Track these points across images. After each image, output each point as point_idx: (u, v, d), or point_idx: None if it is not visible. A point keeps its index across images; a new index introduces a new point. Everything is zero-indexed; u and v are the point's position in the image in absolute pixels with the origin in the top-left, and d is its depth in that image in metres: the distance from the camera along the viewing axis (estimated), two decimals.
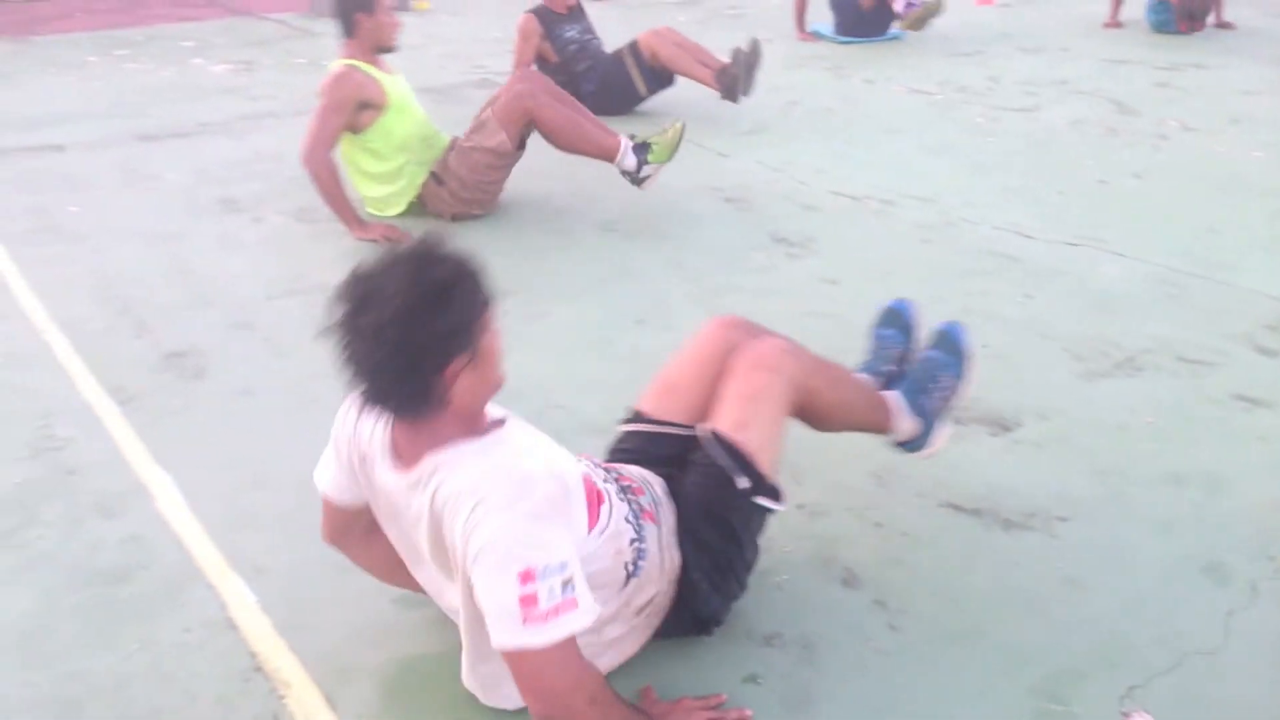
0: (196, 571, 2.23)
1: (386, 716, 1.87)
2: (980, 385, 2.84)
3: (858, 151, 5.01)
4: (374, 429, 1.74)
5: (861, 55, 7.11)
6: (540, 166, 4.52)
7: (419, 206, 4.21)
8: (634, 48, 5.65)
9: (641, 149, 4.09)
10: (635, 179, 4.12)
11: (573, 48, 5.70)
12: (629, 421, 2.12)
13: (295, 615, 2.09)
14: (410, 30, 8.41)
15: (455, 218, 4.20)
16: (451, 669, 1.92)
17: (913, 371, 2.34)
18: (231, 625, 2.08)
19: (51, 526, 2.39)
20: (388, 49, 4.10)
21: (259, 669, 1.96)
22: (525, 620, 1.54)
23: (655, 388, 2.12)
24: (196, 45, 8.07)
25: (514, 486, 1.59)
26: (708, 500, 1.92)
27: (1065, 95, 5.91)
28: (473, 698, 1.86)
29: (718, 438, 1.92)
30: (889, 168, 4.74)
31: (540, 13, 5.72)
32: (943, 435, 2.32)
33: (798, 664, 1.95)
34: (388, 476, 1.72)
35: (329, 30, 8.49)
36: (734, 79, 5.42)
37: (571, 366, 3.06)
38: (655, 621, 1.93)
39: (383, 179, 4.15)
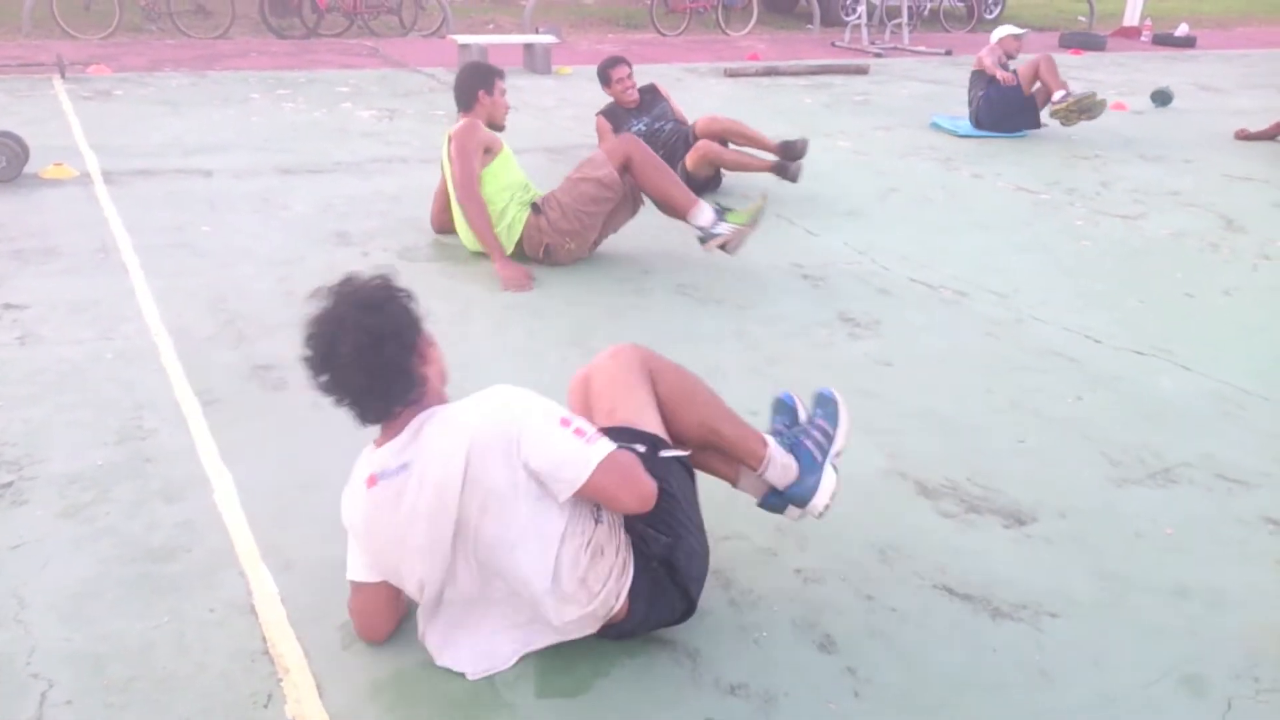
0: (233, 559, 2.46)
1: (367, 709, 2.03)
2: (1005, 478, 2.91)
3: (946, 242, 5.07)
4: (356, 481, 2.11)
5: (977, 150, 7.17)
6: (630, 230, 4.75)
7: (519, 249, 4.50)
8: (683, 168, 5.65)
9: (720, 211, 4.36)
10: (707, 235, 4.34)
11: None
12: None
13: (309, 609, 2.29)
14: (547, 92, 8.92)
15: (547, 251, 4.49)
16: (436, 677, 2.09)
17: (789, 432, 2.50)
18: (252, 610, 2.29)
19: (119, 505, 2.66)
20: (498, 127, 4.57)
21: (266, 653, 2.16)
22: (588, 441, 1.98)
23: None
24: (350, 91, 8.68)
25: (510, 389, 2.06)
26: None
27: (1174, 206, 5.84)
28: (448, 702, 2.02)
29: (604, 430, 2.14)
30: (973, 261, 4.78)
31: (608, 112, 6.11)
32: (828, 484, 2.37)
33: (754, 714, 2.04)
34: (377, 459, 2.05)
35: None
36: (795, 163, 5.62)
37: None
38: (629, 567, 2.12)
39: (492, 217, 4.47)
